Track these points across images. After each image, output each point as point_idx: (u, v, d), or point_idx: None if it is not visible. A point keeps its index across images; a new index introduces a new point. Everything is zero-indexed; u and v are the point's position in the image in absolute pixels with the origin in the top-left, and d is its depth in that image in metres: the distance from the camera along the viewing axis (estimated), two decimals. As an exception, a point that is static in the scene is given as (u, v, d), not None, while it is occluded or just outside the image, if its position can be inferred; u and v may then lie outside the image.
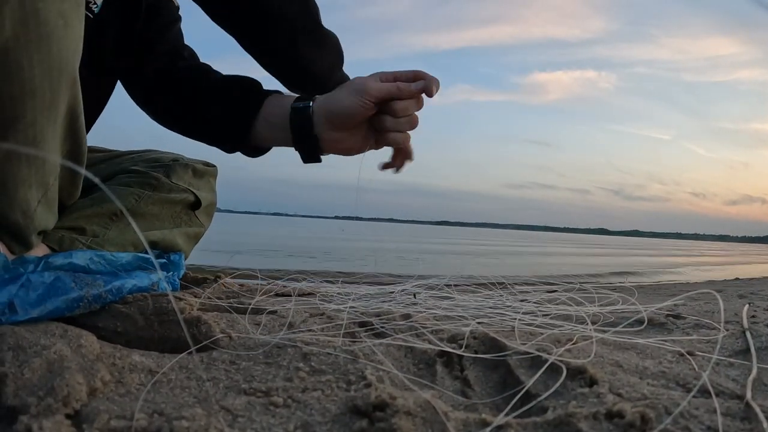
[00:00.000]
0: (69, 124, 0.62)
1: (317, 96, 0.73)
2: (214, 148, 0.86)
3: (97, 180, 0.34)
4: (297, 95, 0.75)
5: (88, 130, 0.85)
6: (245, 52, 0.81)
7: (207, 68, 0.86)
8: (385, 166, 0.77)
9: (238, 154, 0.85)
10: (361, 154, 0.75)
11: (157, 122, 0.88)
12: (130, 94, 0.89)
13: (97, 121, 0.88)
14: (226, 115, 0.77)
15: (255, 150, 0.82)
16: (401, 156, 0.75)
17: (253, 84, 0.79)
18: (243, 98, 0.77)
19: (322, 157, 0.76)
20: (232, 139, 0.79)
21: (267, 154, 0.86)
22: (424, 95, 0.68)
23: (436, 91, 0.66)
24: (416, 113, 0.69)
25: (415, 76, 0.67)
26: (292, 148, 0.76)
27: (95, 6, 0.75)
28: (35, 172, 0.59)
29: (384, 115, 0.69)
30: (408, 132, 0.71)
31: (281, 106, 0.74)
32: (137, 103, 0.89)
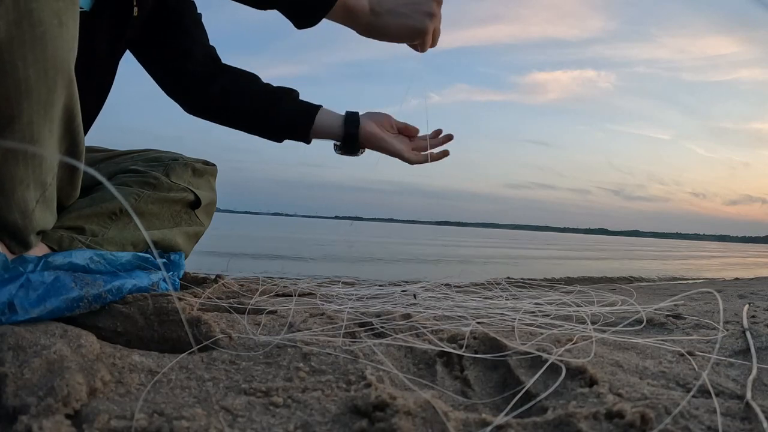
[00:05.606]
0: (66, 124, 0.62)
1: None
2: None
3: (99, 176, 0.34)
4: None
5: (87, 130, 0.85)
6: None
7: (255, 75, 1.01)
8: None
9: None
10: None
11: (193, 113, 1.01)
12: (165, 90, 1.00)
13: (97, 122, 0.89)
14: (297, 116, 0.98)
15: (303, 139, 1.01)
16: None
17: (298, 95, 1.00)
18: (306, 105, 0.99)
19: (360, 151, 1.00)
20: (298, 133, 0.99)
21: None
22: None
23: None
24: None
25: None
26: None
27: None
28: (33, 171, 0.59)
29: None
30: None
31: (333, 114, 0.99)
32: (175, 98, 1.00)
